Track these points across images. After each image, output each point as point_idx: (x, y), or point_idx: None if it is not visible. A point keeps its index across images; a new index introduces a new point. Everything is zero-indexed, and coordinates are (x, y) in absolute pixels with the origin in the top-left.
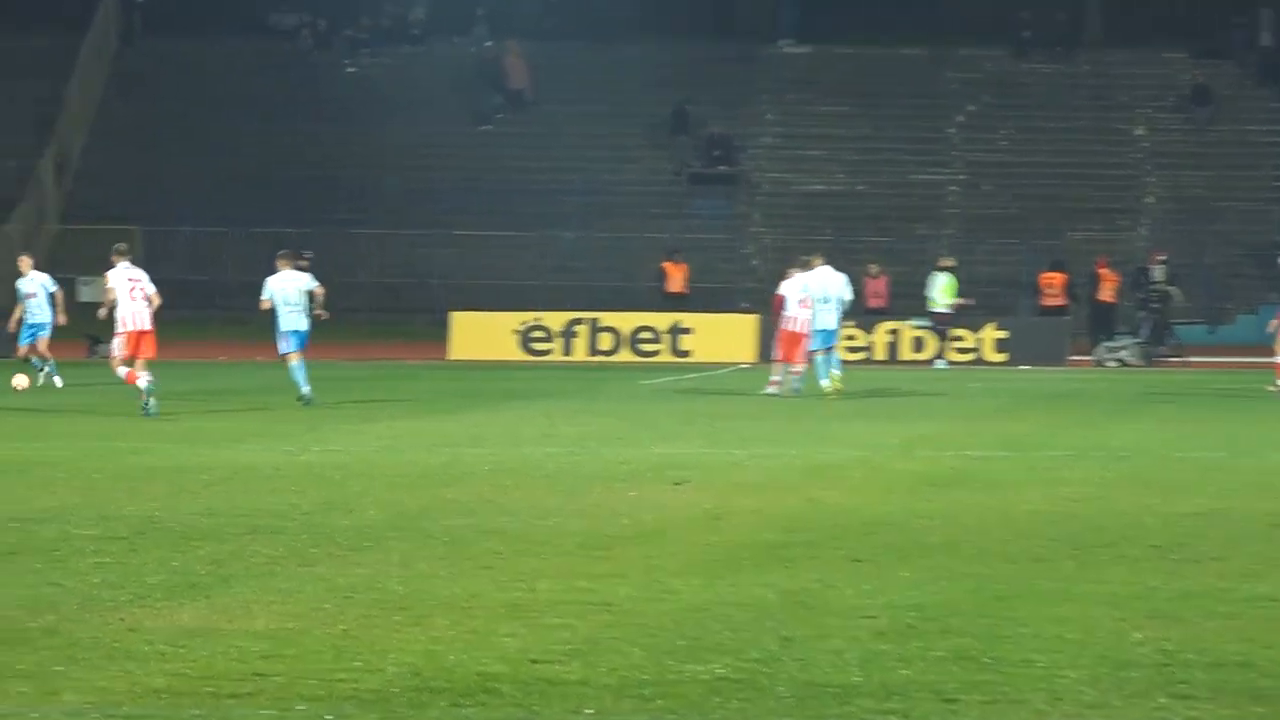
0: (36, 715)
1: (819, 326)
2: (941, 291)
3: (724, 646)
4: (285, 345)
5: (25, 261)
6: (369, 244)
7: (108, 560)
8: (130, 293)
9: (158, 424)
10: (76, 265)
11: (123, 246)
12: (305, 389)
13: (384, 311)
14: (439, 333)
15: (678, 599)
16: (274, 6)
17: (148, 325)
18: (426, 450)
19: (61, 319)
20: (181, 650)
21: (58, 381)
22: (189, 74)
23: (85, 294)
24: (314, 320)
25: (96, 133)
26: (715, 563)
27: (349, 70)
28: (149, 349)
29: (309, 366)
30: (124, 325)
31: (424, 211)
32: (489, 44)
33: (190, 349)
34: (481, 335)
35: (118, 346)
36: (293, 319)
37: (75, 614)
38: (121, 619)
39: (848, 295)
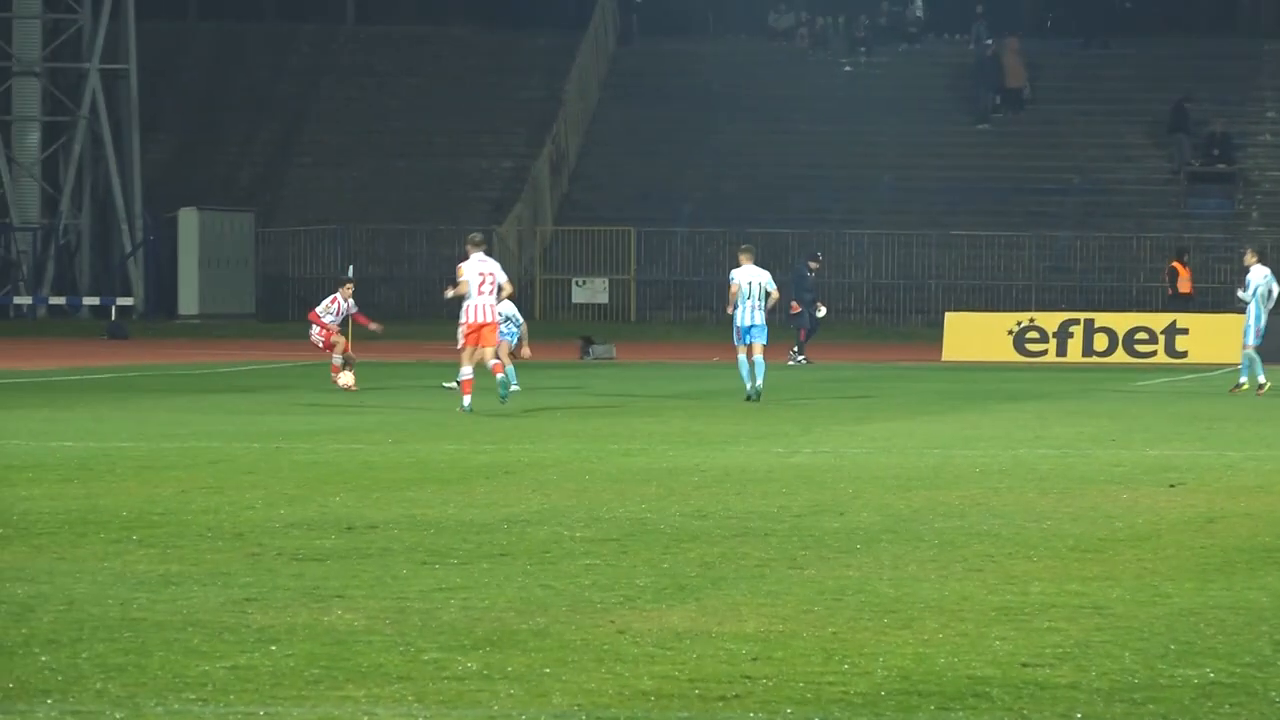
0: (525, 717)
1: None
2: None
3: (1216, 651)
4: (737, 339)
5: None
6: (863, 244)
7: (598, 562)
8: (480, 285)
9: (650, 425)
10: (571, 266)
11: (477, 237)
12: (751, 384)
13: (878, 312)
14: (934, 333)
15: (1170, 602)
16: (772, 6)
17: (489, 318)
18: (918, 452)
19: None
20: (670, 653)
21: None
22: (685, 74)
23: (578, 295)
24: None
25: (593, 133)
26: (1208, 566)
27: (846, 69)
28: (489, 340)
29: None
30: (465, 316)
31: (919, 211)
32: (988, 42)
33: (684, 350)
34: (975, 336)
35: (460, 336)
36: (748, 314)
37: (565, 616)
38: (611, 621)
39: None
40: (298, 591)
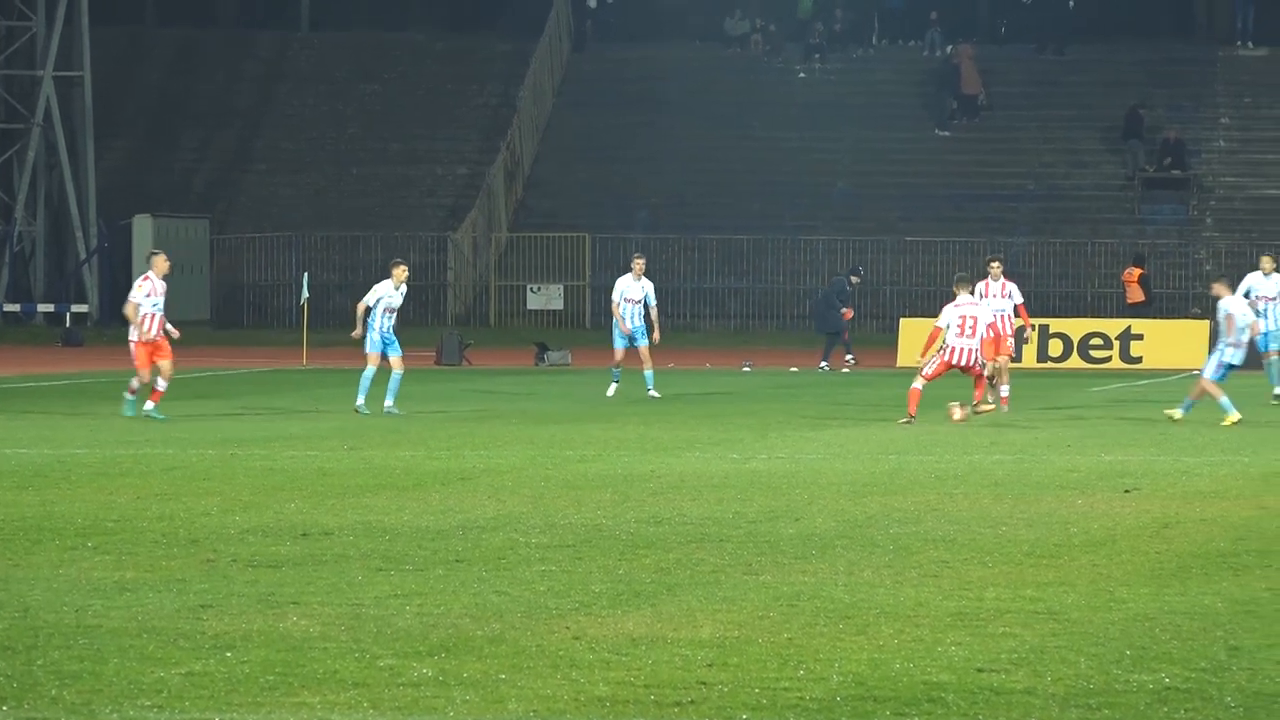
0: None
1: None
2: None
3: (1171, 656)
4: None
5: (639, 265)
6: (819, 250)
7: (553, 569)
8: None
9: (606, 432)
10: (526, 273)
11: (157, 251)
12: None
13: None
14: (889, 339)
15: (1125, 608)
16: (728, 12)
17: (155, 335)
18: (873, 457)
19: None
20: (625, 659)
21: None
22: (640, 80)
23: (533, 301)
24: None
25: (548, 139)
26: (1164, 571)
27: (800, 76)
28: (162, 354)
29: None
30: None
31: (874, 217)
32: (949, 49)
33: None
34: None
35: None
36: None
37: (520, 622)
38: (566, 627)
39: None
40: (253, 598)
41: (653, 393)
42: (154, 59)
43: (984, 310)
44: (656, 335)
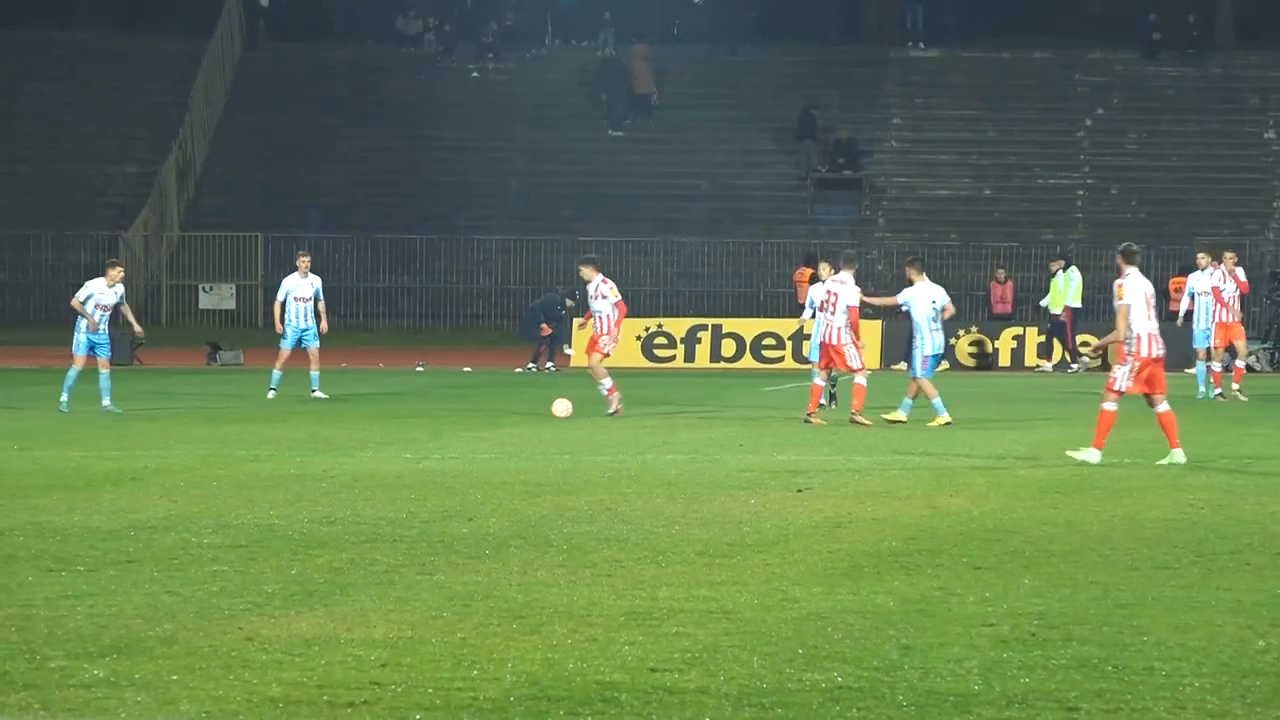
0: None
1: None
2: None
3: (844, 655)
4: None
5: (304, 262)
6: (492, 250)
7: (226, 569)
8: None
9: (279, 431)
10: (199, 272)
11: None
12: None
13: (507, 318)
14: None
15: (798, 607)
16: (400, 11)
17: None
18: (547, 457)
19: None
20: (298, 659)
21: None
22: (313, 79)
23: (205, 301)
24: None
25: (220, 139)
26: (836, 571)
27: (473, 75)
28: None
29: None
30: None
31: (548, 217)
32: (609, 50)
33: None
34: None
35: None
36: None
37: (193, 623)
38: (239, 628)
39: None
40: None
41: (318, 394)
42: None
43: (848, 290)
44: (324, 325)
